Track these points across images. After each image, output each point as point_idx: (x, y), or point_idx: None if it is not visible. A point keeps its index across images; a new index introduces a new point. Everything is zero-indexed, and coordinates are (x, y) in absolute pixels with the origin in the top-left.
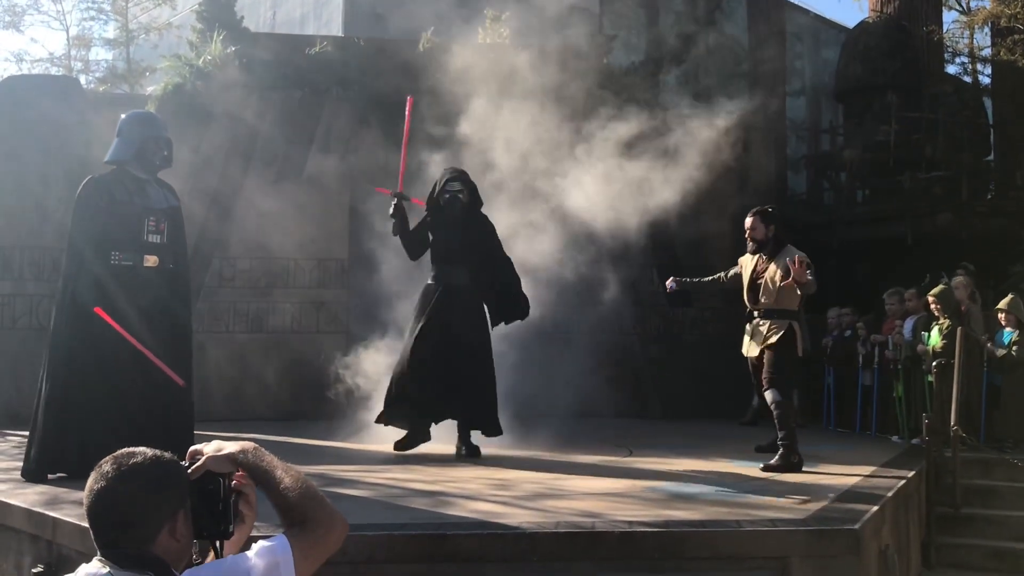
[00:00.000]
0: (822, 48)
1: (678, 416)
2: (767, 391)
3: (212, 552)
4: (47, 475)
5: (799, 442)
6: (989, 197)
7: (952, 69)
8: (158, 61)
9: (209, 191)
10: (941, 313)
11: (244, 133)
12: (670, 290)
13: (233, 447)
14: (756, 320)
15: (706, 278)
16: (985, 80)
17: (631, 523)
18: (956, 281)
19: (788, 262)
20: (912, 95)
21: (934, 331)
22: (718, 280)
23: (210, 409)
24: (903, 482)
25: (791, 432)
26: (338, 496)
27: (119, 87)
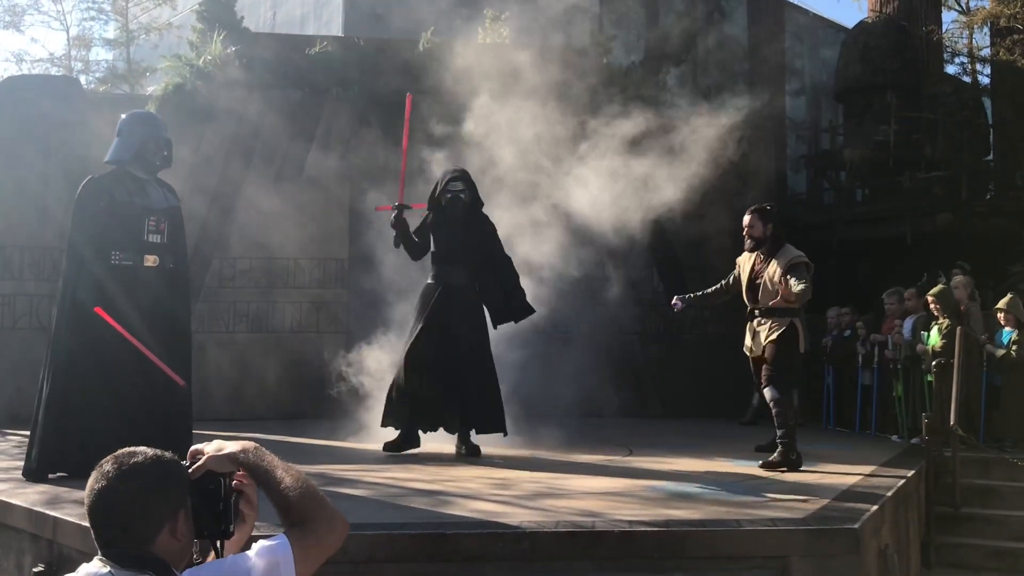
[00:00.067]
0: (822, 48)
1: (678, 416)
2: (765, 388)
3: (213, 552)
4: (48, 475)
5: (799, 441)
6: (989, 197)
7: (951, 69)
8: (158, 61)
9: (209, 191)
10: (940, 313)
11: (244, 133)
12: (677, 310)
13: (234, 447)
14: (757, 319)
15: (708, 290)
16: (984, 80)
17: (631, 522)
18: (956, 281)
19: (780, 282)
20: (912, 95)
21: (933, 331)
22: (721, 289)
23: (210, 409)
24: (903, 482)
25: (790, 430)
26: (338, 495)
27: (119, 87)
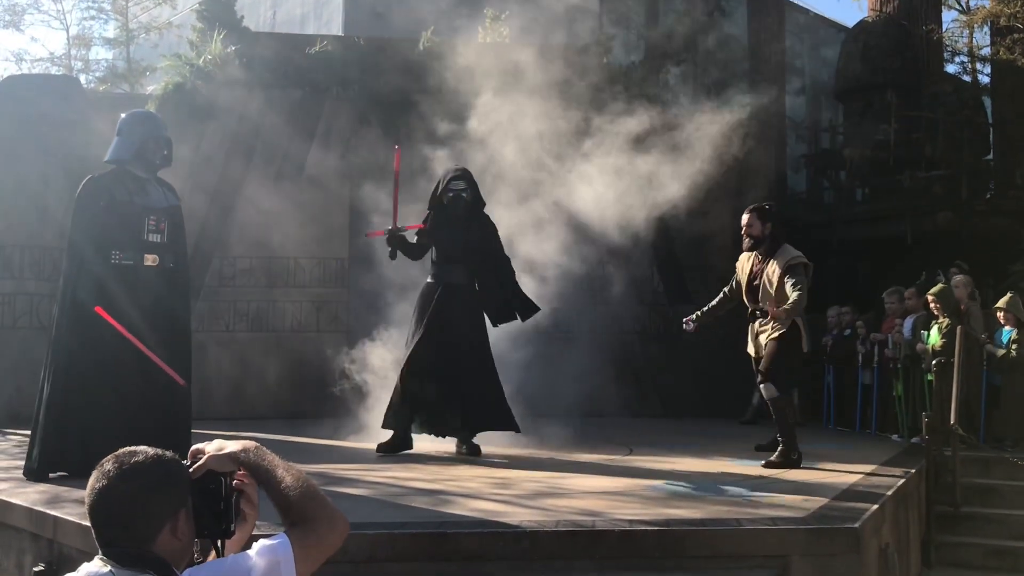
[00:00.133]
0: (822, 47)
1: (678, 415)
2: (763, 385)
3: (213, 551)
4: (48, 474)
5: (799, 440)
6: (989, 196)
7: (952, 68)
8: (158, 60)
9: (209, 190)
10: (940, 312)
11: (244, 132)
12: (691, 331)
13: (234, 446)
14: (759, 321)
15: (713, 302)
16: (984, 79)
17: (632, 522)
18: (956, 280)
19: (770, 305)
20: (912, 94)
21: (933, 330)
22: (725, 297)
23: (211, 408)
24: (903, 481)
25: (789, 429)
26: (339, 495)
27: (119, 87)
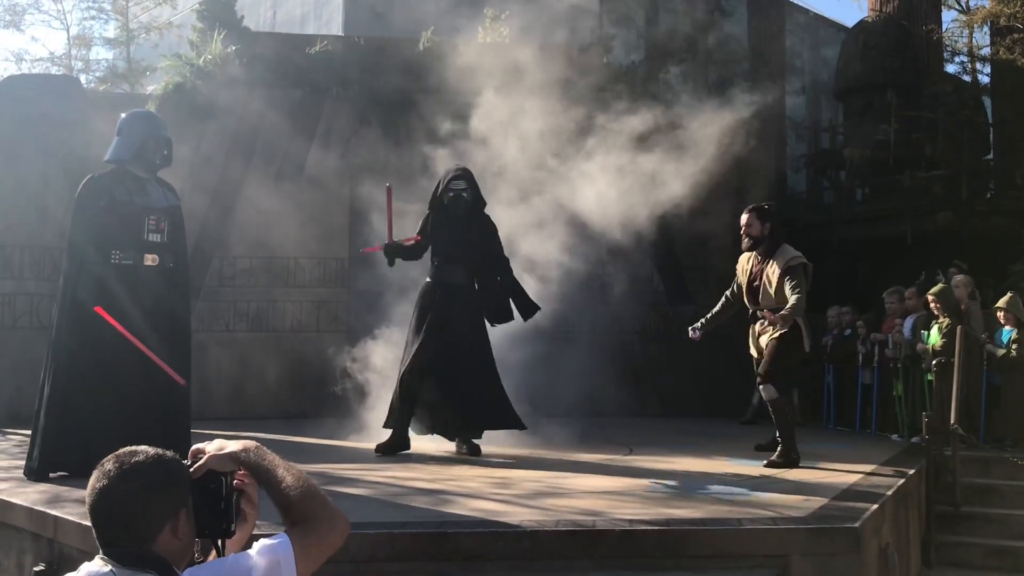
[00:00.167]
0: (822, 47)
1: (678, 414)
2: (762, 386)
3: (214, 551)
4: (49, 474)
5: (798, 440)
6: (989, 196)
7: (951, 68)
8: (158, 60)
9: (209, 190)
10: (941, 312)
11: (244, 132)
12: (698, 339)
13: (235, 446)
14: (760, 321)
15: (716, 308)
16: (984, 79)
17: (632, 521)
18: (956, 280)
19: (767, 313)
20: (912, 94)
21: (934, 330)
22: (728, 302)
23: (211, 408)
24: (903, 480)
25: (789, 429)
26: (339, 495)
27: (119, 86)
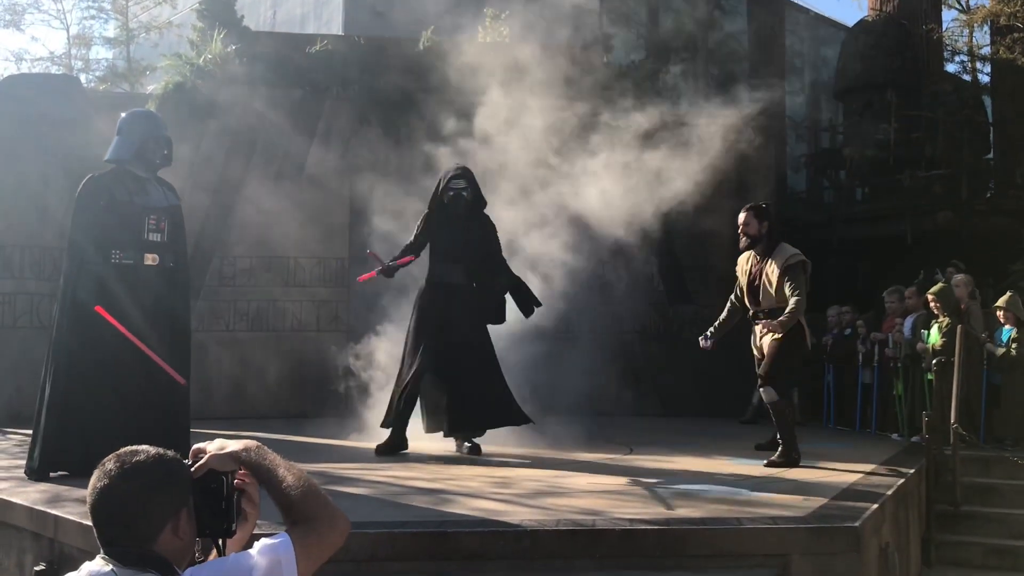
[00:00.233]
0: (821, 46)
1: (678, 414)
2: (762, 388)
3: (215, 550)
4: (49, 473)
5: (799, 439)
6: (989, 195)
7: (951, 67)
8: (158, 60)
9: (209, 189)
10: (941, 311)
11: (245, 131)
12: (710, 347)
13: (236, 445)
14: (761, 321)
15: (723, 315)
16: (984, 79)
17: (632, 521)
18: (956, 279)
19: (766, 322)
20: (912, 93)
21: (934, 329)
22: (734, 308)
23: (211, 408)
24: (903, 480)
25: (790, 429)
26: (340, 494)
27: (119, 86)
